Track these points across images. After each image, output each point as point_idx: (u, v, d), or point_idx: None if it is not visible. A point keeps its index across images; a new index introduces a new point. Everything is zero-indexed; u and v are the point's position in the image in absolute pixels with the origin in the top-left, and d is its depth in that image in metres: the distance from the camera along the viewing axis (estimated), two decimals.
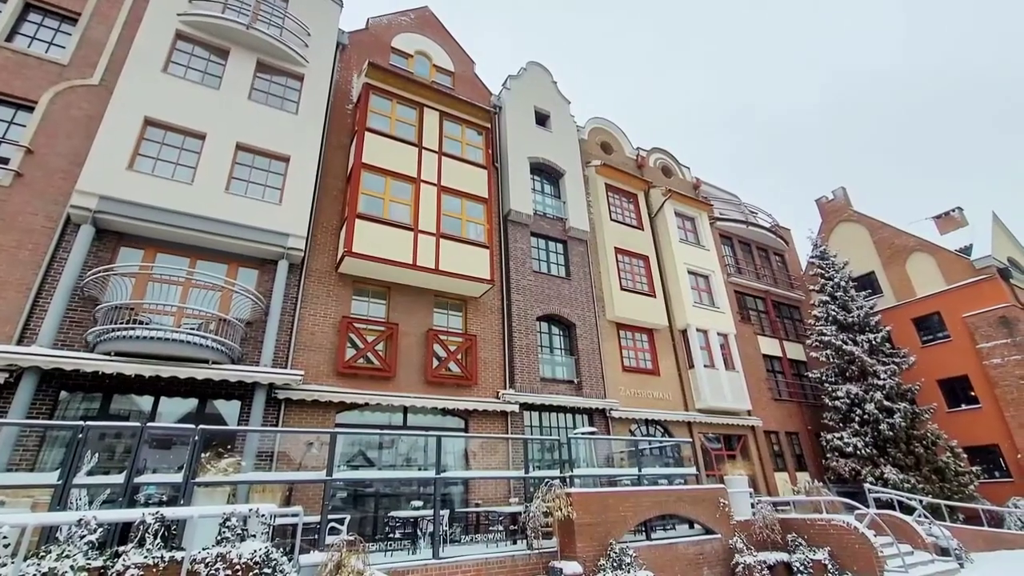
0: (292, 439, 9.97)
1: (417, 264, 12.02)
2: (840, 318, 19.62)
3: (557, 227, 16.54)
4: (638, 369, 16.11)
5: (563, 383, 14.30)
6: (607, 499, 9.40)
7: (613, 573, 8.20)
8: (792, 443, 19.08)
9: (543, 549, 8.61)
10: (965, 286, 20.75)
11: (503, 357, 13.44)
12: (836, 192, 26.96)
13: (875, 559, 10.06)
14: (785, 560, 10.45)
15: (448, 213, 13.28)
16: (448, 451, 11.71)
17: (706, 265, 19.25)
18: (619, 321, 16.30)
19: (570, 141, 18.26)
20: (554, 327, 15.26)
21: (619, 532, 9.21)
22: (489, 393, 12.75)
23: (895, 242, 23.65)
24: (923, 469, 16.63)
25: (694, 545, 10.07)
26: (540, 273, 15.37)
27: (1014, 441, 18.27)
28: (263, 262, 10.98)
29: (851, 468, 17.13)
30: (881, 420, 17.17)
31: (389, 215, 12.21)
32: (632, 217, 18.85)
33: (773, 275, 23.64)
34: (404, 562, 7.40)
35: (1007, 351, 19.00)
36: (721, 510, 10.87)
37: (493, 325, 13.74)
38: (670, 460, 14.05)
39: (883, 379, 17.86)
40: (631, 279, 17.21)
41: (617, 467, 13.21)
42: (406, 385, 11.59)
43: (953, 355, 20.44)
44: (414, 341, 12.18)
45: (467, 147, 14.71)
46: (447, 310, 13.34)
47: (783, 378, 20.62)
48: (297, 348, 10.80)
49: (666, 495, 10.48)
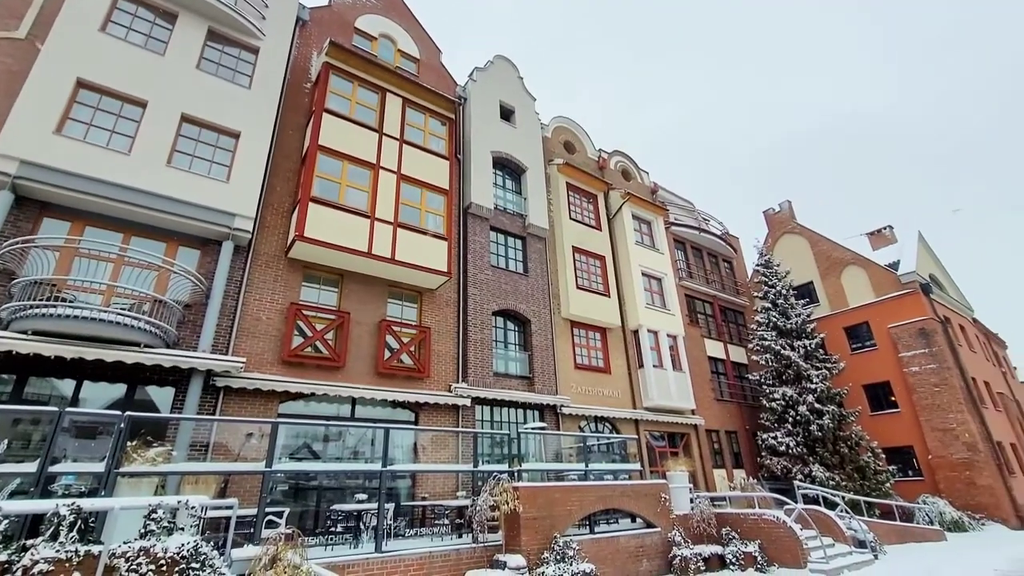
0: (230, 429, 9.51)
1: (372, 253, 11.72)
2: (780, 324, 20.70)
3: (517, 223, 16.56)
4: (590, 367, 16.40)
5: (516, 378, 14.36)
6: (554, 493, 9.51)
7: (556, 566, 8.31)
8: (731, 441, 19.99)
9: (488, 543, 8.62)
10: (891, 299, 22.35)
11: (457, 350, 13.34)
12: (782, 205, 28.39)
13: (800, 551, 10.69)
14: (719, 552, 10.94)
15: (407, 202, 13.02)
16: (397, 444, 11.52)
17: (660, 268, 19.81)
18: (573, 319, 16.53)
19: (534, 138, 18.30)
20: (509, 322, 15.30)
21: (564, 526, 9.34)
22: (441, 386, 12.63)
23: (832, 255, 25.16)
24: (847, 468, 17.81)
25: (635, 538, 10.36)
26: (498, 268, 15.35)
27: (926, 443, 19.88)
28: (206, 242, 10.40)
29: (783, 466, 18.14)
30: (812, 421, 18.26)
31: (345, 200, 11.83)
32: (591, 217, 19.13)
33: (721, 281, 24.64)
34: (345, 556, 7.22)
35: (924, 360, 20.63)
36: (662, 505, 11.24)
37: (448, 318, 13.61)
38: (616, 456, 14.40)
39: (816, 383, 18.99)
40: (587, 278, 17.47)
41: (565, 462, 13.41)
42: (356, 376, 11.30)
43: (878, 362, 21.99)
44: (366, 331, 11.88)
45: (430, 136, 14.46)
46: (402, 301, 13.10)
47: (726, 379, 21.56)
48: (240, 334, 10.31)
49: (611, 490, 10.73)
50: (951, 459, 19.16)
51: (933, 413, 19.93)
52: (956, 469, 18.99)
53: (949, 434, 19.37)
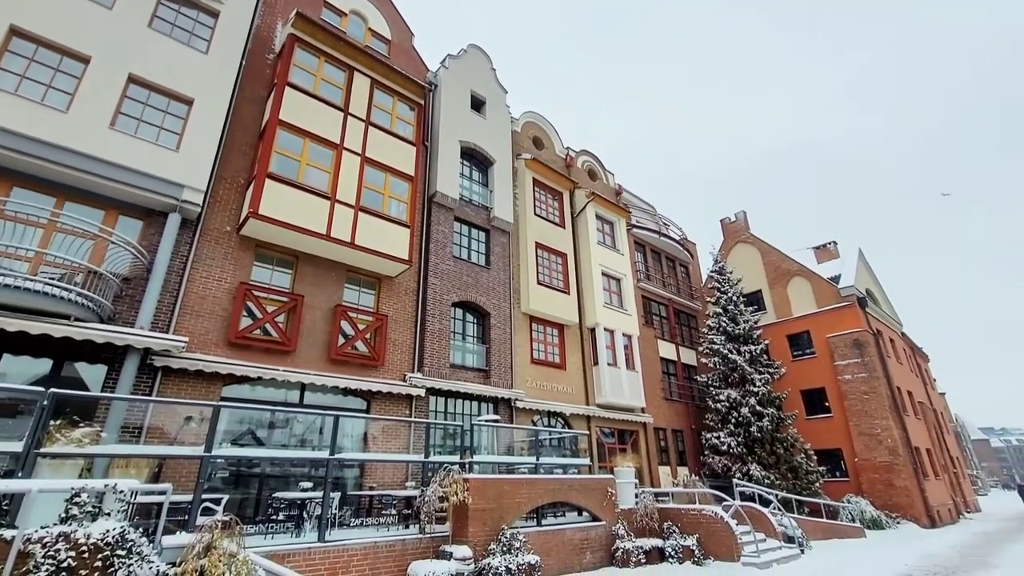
0: (168, 412, 9.03)
1: (331, 235, 11.37)
2: (729, 329, 21.56)
3: (482, 215, 16.47)
4: (546, 362, 16.56)
5: (472, 371, 14.33)
6: (504, 486, 9.57)
7: (502, 557, 8.37)
8: (677, 440, 20.71)
9: (435, 533, 8.58)
10: (831, 310, 23.70)
11: (414, 340, 13.17)
12: (738, 215, 29.53)
13: (735, 545, 11.21)
14: (660, 546, 11.32)
15: (370, 186, 12.70)
16: (347, 433, 11.29)
17: (619, 269, 20.21)
18: (532, 314, 16.63)
19: (503, 131, 18.23)
20: (469, 314, 15.23)
21: (512, 518, 9.42)
22: (396, 375, 12.44)
23: (781, 266, 26.41)
24: (782, 467, 18.80)
25: (580, 531, 10.57)
26: (460, 259, 15.24)
27: (854, 447, 21.26)
28: (150, 213, 9.79)
29: (724, 464, 18.96)
30: (753, 423, 19.16)
31: (305, 179, 11.41)
32: (555, 214, 19.27)
33: (677, 284, 25.40)
34: (286, 545, 7.01)
35: (857, 369, 22.01)
36: (608, 499, 11.51)
37: (406, 307, 13.40)
38: (567, 451, 14.65)
39: (758, 387, 19.92)
40: (548, 274, 17.61)
41: (517, 455, 13.53)
42: (307, 361, 10.97)
43: (816, 369, 23.30)
44: (320, 316, 11.54)
45: (397, 120, 14.14)
46: (359, 287, 12.79)
47: (676, 380, 22.29)
48: (183, 312, 9.78)
49: (559, 484, 10.89)
50: (874, 462, 20.57)
51: (861, 419, 21.31)
52: (878, 471, 20.40)
53: (874, 439, 20.77)
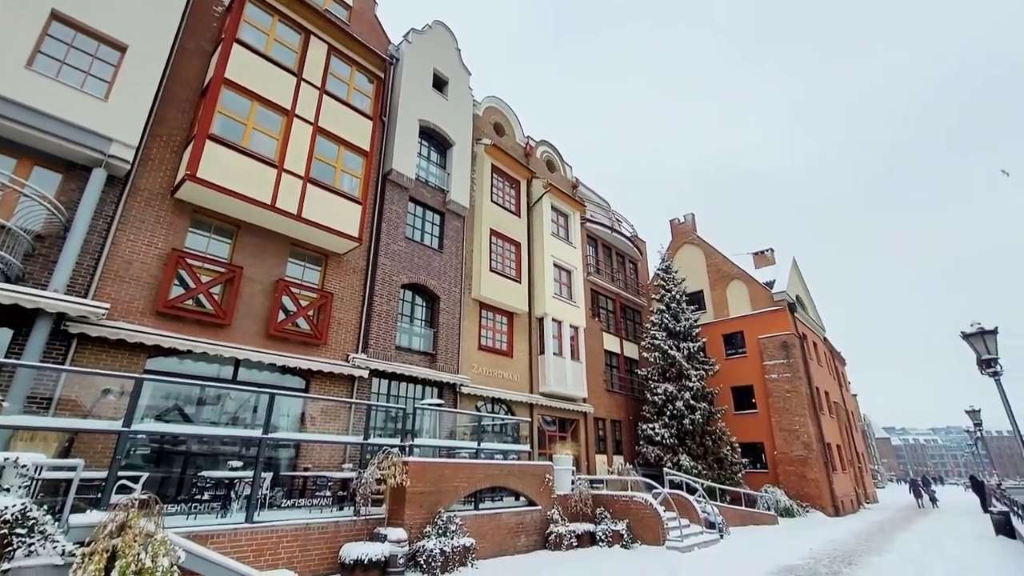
0: (83, 383, 8.37)
1: (276, 206, 10.84)
2: (671, 326, 22.47)
3: (437, 197, 16.20)
4: (493, 349, 16.64)
5: (418, 354, 14.18)
6: (443, 469, 9.59)
7: (437, 539, 8.42)
8: (615, 430, 21.46)
9: (370, 516, 8.50)
10: (763, 313, 25.18)
11: (359, 320, 12.84)
12: (687, 217, 30.66)
13: (661, 530, 11.82)
14: (592, 530, 11.75)
15: (321, 158, 12.18)
16: (283, 412, 10.90)
17: (571, 261, 20.53)
18: (483, 300, 16.63)
19: (464, 113, 17.95)
20: (418, 297, 15.02)
21: (450, 501, 9.47)
22: (339, 355, 12.11)
23: (722, 268, 27.72)
24: (709, 458, 19.92)
25: (516, 515, 10.79)
26: (412, 241, 14.96)
27: (774, 441, 22.82)
28: (72, 166, 8.95)
29: (656, 454, 19.86)
30: (686, 416, 20.14)
31: (250, 145, 10.79)
32: (512, 203, 19.27)
33: (625, 280, 26.13)
34: (211, 526, 6.74)
35: (782, 369, 23.57)
36: (545, 485, 11.80)
37: (354, 285, 13.03)
38: (509, 437, 14.84)
39: (694, 382, 20.93)
40: (501, 262, 17.63)
41: (459, 440, 13.57)
42: (242, 336, 10.46)
43: (746, 368, 24.74)
44: (260, 290, 11.01)
45: (354, 92, 13.61)
46: (304, 262, 12.30)
47: (617, 372, 23.02)
48: (105, 277, 9.06)
49: (499, 469, 11.04)
50: (791, 455, 22.18)
51: (783, 415, 22.89)
52: (794, 464, 22.03)
53: (792, 434, 22.38)
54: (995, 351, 9.34)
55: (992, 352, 9.40)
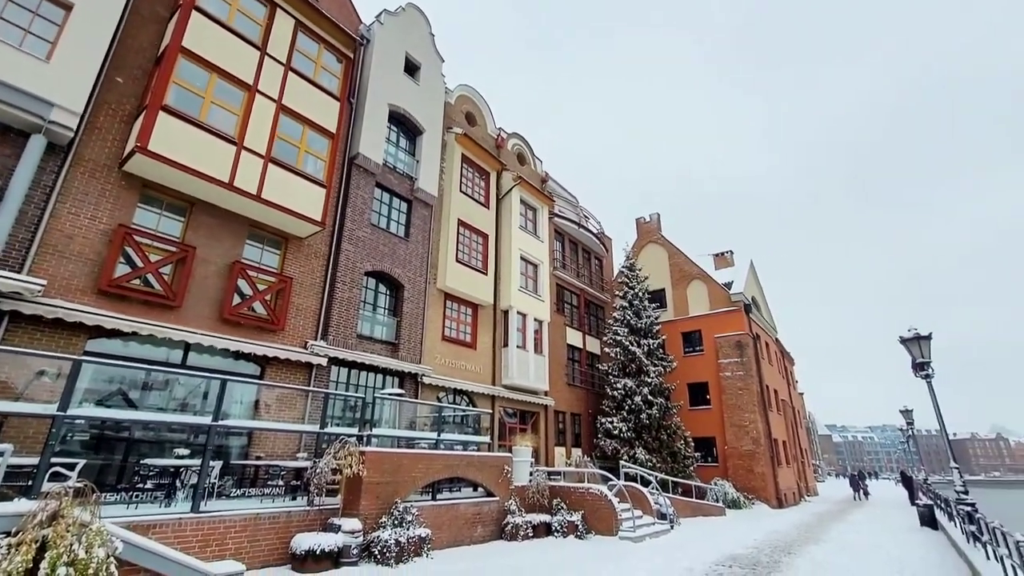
0: (14, 363, 7.81)
1: (234, 185, 10.39)
2: (632, 323, 22.95)
3: (405, 185, 15.92)
4: (457, 340, 16.57)
5: (380, 343, 13.96)
6: (401, 460, 9.51)
7: (393, 530, 8.35)
8: (575, 423, 21.81)
9: (324, 506, 8.35)
10: (720, 313, 26.05)
11: (320, 306, 12.51)
12: (652, 216, 31.28)
13: (614, 521, 12.12)
14: (548, 521, 11.92)
15: (284, 137, 11.75)
16: (236, 399, 10.52)
17: (538, 255, 20.62)
18: (448, 291, 16.50)
19: (436, 100, 17.66)
20: (382, 285, 14.75)
21: (407, 492, 9.41)
22: (296, 342, 11.78)
23: (684, 268, 28.47)
24: (663, 452, 20.54)
25: (474, 506, 10.83)
26: (378, 227, 14.65)
27: (725, 436, 23.73)
28: (6, 130, 8.29)
29: (614, 447, 20.31)
30: (643, 410, 20.66)
31: (208, 119, 10.28)
32: (481, 194, 19.15)
33: (590, 276, 26.48)
34: (153, 515, 6.46)
35: (736, 368, 24.48)
36: (504, 476, 11.88)
37: (315, 271, 12.68)
38: (470, 429, 14.83)
39: (652, 378, 21.48)
40: (467, 253, 17.53)
41: (419, 431, 13.46)
42: (194, 319, 10.02)
43: (702, 365, 25.58)
44: (214, 271, 10.56)
45: (321, 71, 13.17)
46: (263, 244, 11.86)
47: (579, 367, 23.36)
48: (43, 251, 8.47)
49: (458, 460, 11.04)
50: (740, 450, 23.13)
51: (734, 412, 23.81)
52: (742, 458, 22.98)
53: (742, 430, 23.33)
54: (928, 355, 9.99)
55: (926, 356, 10.05)
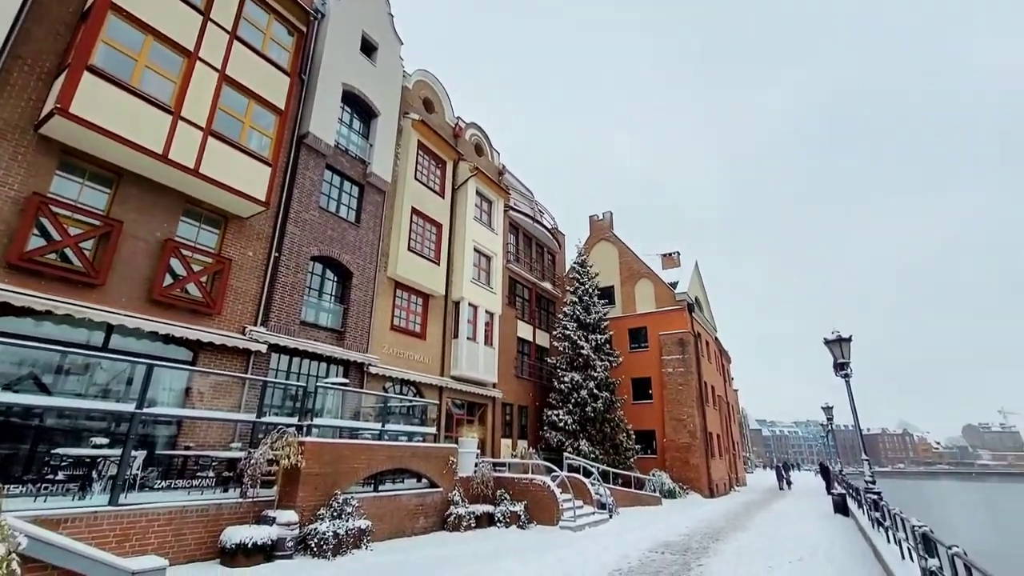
0: None
1: (169, 157, 9.71)
2: (582, 318, 23.42)
3: (357, 168, 15.43)
4: (406, 330, 16.32)
5: (325, 330, 13.53)
6: (343, 450, 9.29)
7: (331, 522, 8.16)
8: (521, 415, 22.05)
9: (259, 498, 8.03)
10: (665, 311, 27.04)
11: (261, 291, 11.96)
12: (605, 214, 31.93)
13: (556, 511, 12.38)
14: (491, 511, 12.03)
15: (227, 110, 11.09)
16: (166, 386, 9.93)
17: (492, 247, 20.60)
18: (399, 280, 16.20)
19: (393, 83, 17.20)
20: (329, 271, 14.28)
21: (347, 483, 9.21)
22: (234, 327, 11.21)
23: (633, 266, 29.30)
24: (606, 444, 21.16)
25: (417, 497, 10.75)
26: (327, 211, 14.15)
27: (664, 429, 24.74)
28: None
29: (559, 439, 20.72)
30: (589, 403, 21.18)
31: (140, 84, 9.53)
32: (436, 182, 18.87)
33: (543, 270, 26.75)
34: (65, 509, 6.01)
35: (677, 364, 25.53)
36: (449, 467, 11.86)
37: (257, 253, 12.09)
38: (416, 419, 14.68)
39: (598, 372, 22.03)
40: (420, 242, 17.26)
41: (363, 421, 13.18)
42: (119, 299, 9.32)
43: (647, 361, 26.49)
44: (144, 249, 9.86)
45: (271, 43, 12.51)
46: (200, 223, 11.18)
47: (528, 360, 23.62)
48: None
49: (402, 450, 10.91)
50: (678, 443, 24.19)
51: (674, 406, 24.85)
52: (679, 451, 24.06)
53: (680, 423, 24.40)
54: (848, 356, 10.80)
55: (846, 357, 10.85)
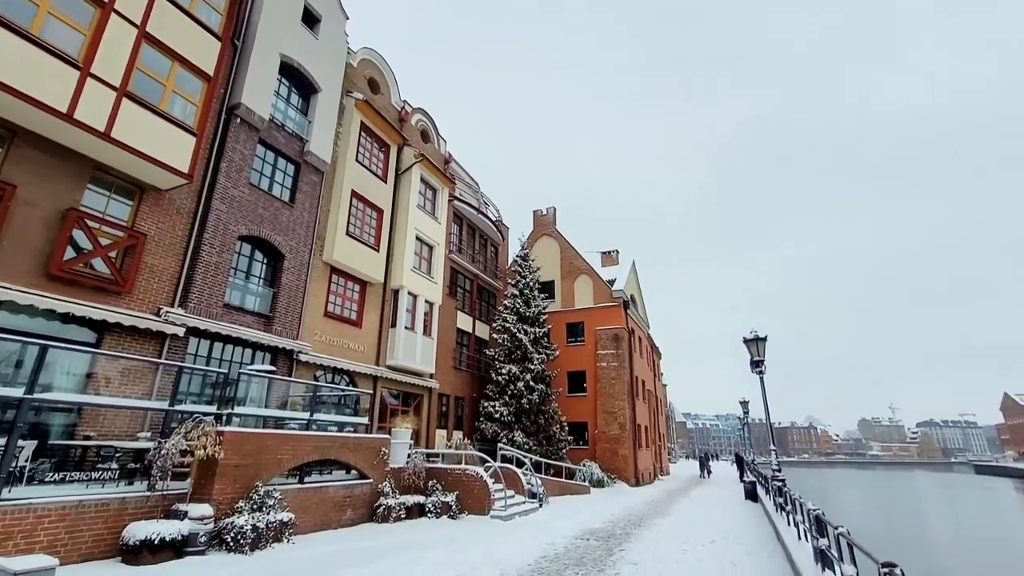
0: None
1: (75, 117, 8.75)
2: (522, 311, 23.67)
3: (294, 146, 14.65)
4: (341, 317, 15.77)
5: (252, 315, 12.80)
6: (266, 441, 8.89)
7: (251, 515, 7.79)
8: (458, 406, 22.02)
9: (169, 491, 7.52)
10: (602, 308, 27.90)
11: (180, 270, 11.11)
12: (549, 210, 32.36)
13: (487, 501, 12.50)
14: (422, 502, 11.94)
15: (147, 70, 10.15)
16: (66, 371, 9.00)
17: (434, 236, 20.30)
18: (335, 265, 15.61)
19: (336, 59, 16.44)
20: (258, 252, 13.50)
21: (270, 474, 8.83)
22: (147, 307, 10.35)
23: (574, 263, 29.95)
24: (540, 435, 21.59)
25: (345, 488, 10.48)
26: (258, 188, 13.34)
27: (596, 421, 25.60)
28: None
29: (494, 430, 20.90)
30: (525, 395, 21.50)
31: (42, 34, 8.51)
32: (379, 167, 18.30)
33: (485, 262, 26.73)
34: None
35: (611, 359, 26.45)
36: (380, 458, 11.65)
37: (177, 229, 11.20)
38: (349, 409, 14.27)
39: (536, 365, 22.39)
40: (359, 227, 16.70)
41: (291, 410, 12.63)
42: (8, 272, 8.33)
43: (582, 355, 27.24)
44: (41, 217, 8.86)
45: (200, 2, 11.57)
46: (110, 192, 10.19)
47: (467, 351, 23.58)
48: None
49: (331, 441, 10.58)
50: (608, 434, 25.12)
51: (606, 399, 25.76)
52: (609, 442, 25.00)
53: (611, 416, 25.34)
54: (763, 354, 11.64)
55: (761, 355, 11.68)
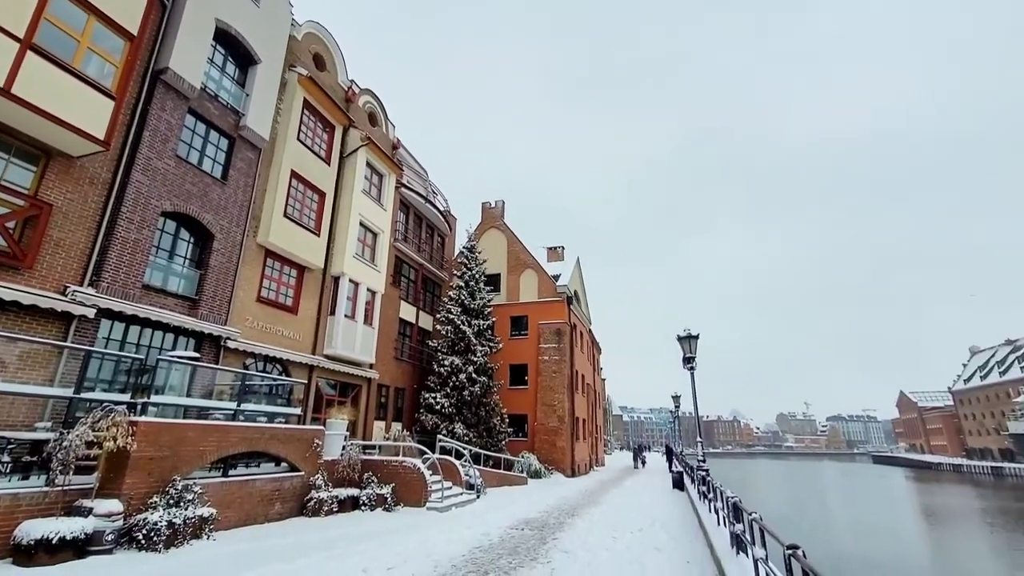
0: None
1: None
2: (466, 303, 23.56)
3: (229, 119, 13.73)
4: (275, 303, 15.03)
5: (175, 297, 11.92)
6: (186, 432, 8.34)
7: (166, 511, 7.31)
8: (398, 397, 21.65)
9: (71, 486, 6.90)
10: (546, 302, 28.30)
11: (92, 246, 10.14)
12: (498, 203, 32.34)
13: (424, 492, 12.41)
14: (356, 495, 11.67)
15: (58, 22, 9.14)
16: None
17: (379, 223, 19.75)
18: (271, 247, 14.83)
19: (279, 29, 15.54)
20: (184, 230, 12.57)
21: (190, 468, 8.31)
22: (51, 286, 9.38)
23: (520, 257, 30.14)
24: (480, 427, 21.66)
25: (273, 482, 10.05)
26: (186, 161, 12.40)
27: (536, 414, 26.01)
28: None
29: (434, 422, 20.75)
30: (466, 387, 21.47)
31: None
32: (322, 148, 17.53)
33: (431, 252, 26.36)
34: None
35: (553, 352, 26.92)
36: (312, 450, 11.25)
37: (89, 200, 10.20)
38: (281, 400, 13.66)
39: (479, 357, 22.39)
40: (299, 209, 15.94)
41: (217, 400, 11.92)
42: None
43: (525, 348, 27.53)
44: None
45: None
46: (10, 156, 9.13)
47: (409, 342, 23.20)
48: None
49: (260, 432, 10.09)
50: (548, 426, 25.60)
51: (546, 392, 26.21)
52: (548, 434, 25.48)
53: (551, 408, 25.83)
54: (694, 352, 12.24)
55: (692, 352, 12.29)
